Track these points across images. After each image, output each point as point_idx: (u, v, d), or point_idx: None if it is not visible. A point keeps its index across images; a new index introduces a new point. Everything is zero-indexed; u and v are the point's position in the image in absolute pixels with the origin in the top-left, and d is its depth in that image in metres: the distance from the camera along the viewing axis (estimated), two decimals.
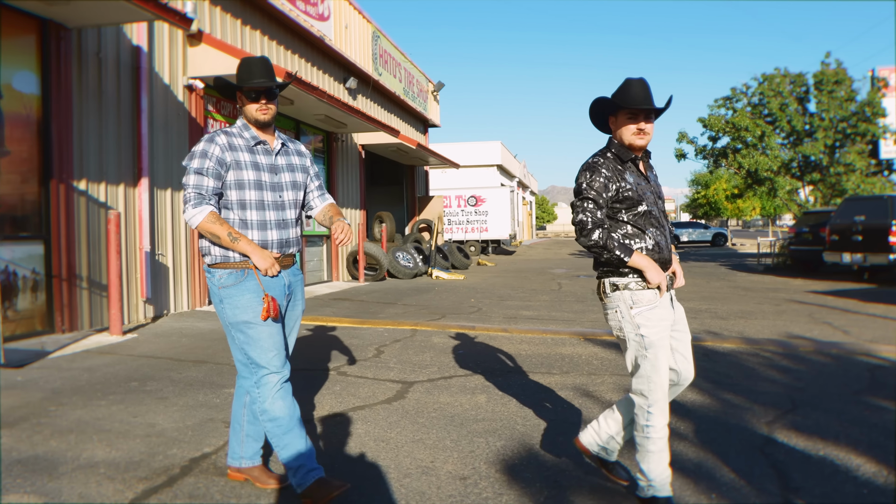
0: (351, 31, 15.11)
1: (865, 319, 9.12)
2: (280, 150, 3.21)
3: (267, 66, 3.10)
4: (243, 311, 2.96)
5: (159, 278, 8.74)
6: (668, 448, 2.98)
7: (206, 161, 2.98)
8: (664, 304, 2.94)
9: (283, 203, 3.15)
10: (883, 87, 20.70)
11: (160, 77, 8.82)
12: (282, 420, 2.98)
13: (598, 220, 2.92)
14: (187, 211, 2.95)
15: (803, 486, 3.34)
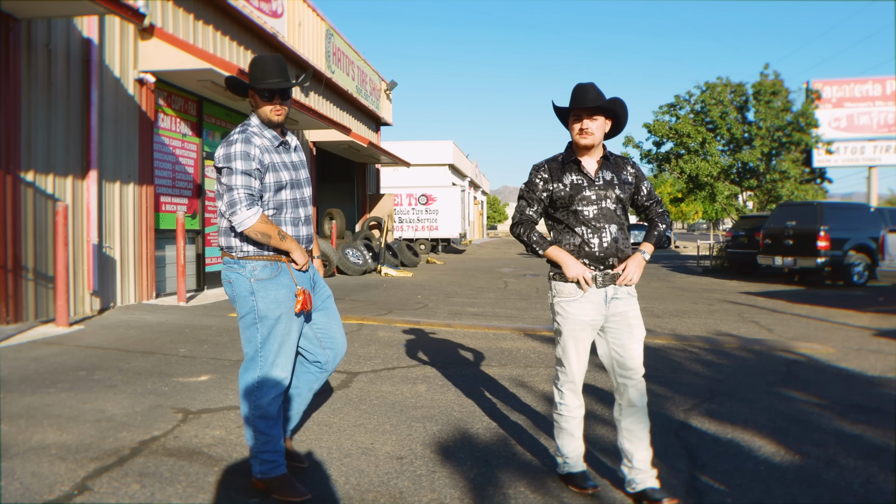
0: (304, 29, 15.19)
1: (790, 319, 9.67)
2: (292, 146, 3.26)
3: (281, 65, 3.09)
4: (278, 306, 3.00)
5: (106, 271, 8.76)
6: (583, 427, 3.28)
7: (251, 163, 2.96)
8: (588, 299, 3.14)
9: (305, 199, 3.23)
10: (816, 98, 21.69)
11: (111, 70, 8.83)
12: (274, 420, 3.08)
13: (526, 216, 3.26)
14: (240, 212, 2.90)
15: (709, 464, 3.69)
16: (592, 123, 3.11)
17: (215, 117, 11.85)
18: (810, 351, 7.16)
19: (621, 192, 3.17)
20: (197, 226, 11.23)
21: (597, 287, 3.15)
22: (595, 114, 3.12)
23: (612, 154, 3.29)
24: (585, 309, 3.15)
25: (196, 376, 5.33)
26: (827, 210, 15.51)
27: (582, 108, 3.10)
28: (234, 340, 6.87)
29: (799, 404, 4.98)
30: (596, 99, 3.08)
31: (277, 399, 3.09)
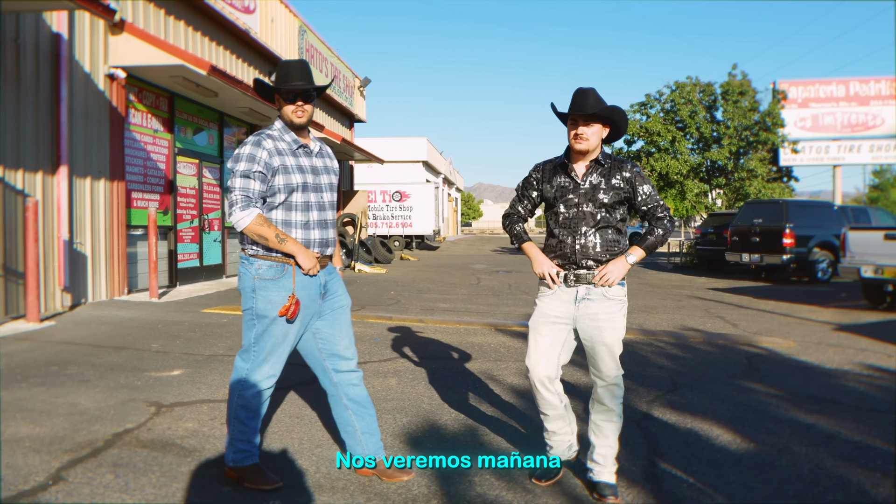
0: (277, 25, 15.17)
1: (755, 314, 9.92)
2: (318, 151, 3.27)
3: (306, 68, 3.14)
4: (274, 307, 3.04)
5: (77, 267, 8.72)
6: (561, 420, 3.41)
7: (253, 165, 3.01)
8: (558, 297, 3.25)
9: (323, 204, 3.22)
10: (782, 99, 22.17)
11: (80, 65, 8.78)
12: (255, 412, 3.15)
13: (515, 210, 3.48)
14: (234, 214, 3.00)
15: (667, 451, 3.84)
16: (588, 129, 3.16)
17: (187, 113, 11.82)
18: (772, 345, 7.38)
19: (605, 197, 3.19)
20: (169, 222, 11.19)
21: (566, 286, 3.23)
22: (591, 121, 3.16)
23: (609, 158, 3.29)
24: (553, 305, 3.25)
25: (169, 371, 5.38)
26: (792, 208, 15.88)
27: (578, 115, 3.16)
28: (207, 336, 6.91)
29: (757, 395, 5.17)
30: (594, 105, 3.12)
31: (262, 394, 3.14)
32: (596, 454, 3.24)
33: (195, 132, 12.21)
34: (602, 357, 3.20)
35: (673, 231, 3.27)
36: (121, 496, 3.01)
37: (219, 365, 5.62)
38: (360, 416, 3.29)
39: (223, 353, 6.05)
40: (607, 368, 3.21)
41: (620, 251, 3.23)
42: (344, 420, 3.31)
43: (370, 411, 3.33)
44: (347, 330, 3.34)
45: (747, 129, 20.82)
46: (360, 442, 3.29)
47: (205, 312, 8.55)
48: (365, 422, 3.30)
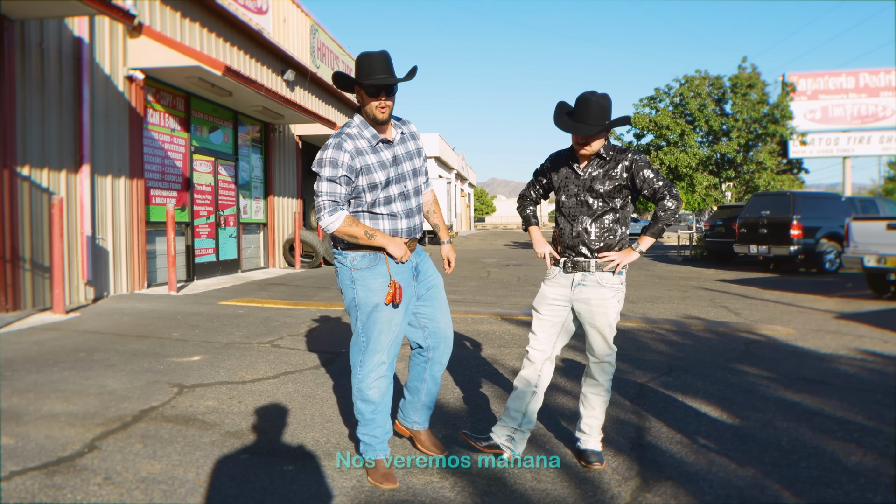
0: (289, 25, 15.49)
1: (759, 303, 10.10)
2: (398, 139, 3.27)
3: (388, 61, 3.11)
4: (375, 294, 3.11)
5: (100, 261, 9.08)
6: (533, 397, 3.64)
7: (337, 170, 3.05)
8: (557, 281, 3.49)
9: (407, 192, 3.26)
10: (791, 91, 22.20)
11: (101, 68, 9.13)
12: (377, 405, 3.19)
13: (528, 193, 3.77)
14: (323, 218, 3.06)
15: (655, 425, 4.09)
16: (591, 143, 3.30)
17: (203, 112, 12.16)
18: (771, 332, 7.58)
19: (601, 187, 3.34)
20: (186, 218, 11.55)
21: (564, 272, 3.47)
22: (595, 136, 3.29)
23: (611, 149, 3.40)
24: (553, 288, 3.50)
25: (189, 356, 5.69)
26: (800, 200, 15.98)
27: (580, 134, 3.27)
28: (224, 326, 7.23)
29: (749, 377, 5.40)
30: (596, 119, 3.21)
31: (377, 384, 3.17)
32: (583, 424, 3.50)
33: (210, 131, 12.55)
34: (593, 337, 3.44)
35: (679, 209, 3.34)
36: (149, 462, 3.32)
37: (236, 351, 5.93)
38: (429, 393, 3.48)
39: (240, 341, 6.36)
40: (598, 348, 3.45)
41: (618, 240, 3.41)
42: (415, 388, 3.48)
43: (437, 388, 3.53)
44: (446, 307, 3.44)
45: (756, 122, 20.89)
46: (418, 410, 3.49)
47: (221, 304, 8.87)
48: (430, 398, 3.50)
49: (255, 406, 4.30)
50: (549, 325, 3.50)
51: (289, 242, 15.28)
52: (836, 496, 3.12)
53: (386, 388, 3.23)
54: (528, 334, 3.57)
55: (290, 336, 6.71)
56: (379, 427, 3.24)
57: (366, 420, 3.22)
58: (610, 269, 3.39)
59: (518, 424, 3.49)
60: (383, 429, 3.25)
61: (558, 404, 4.48)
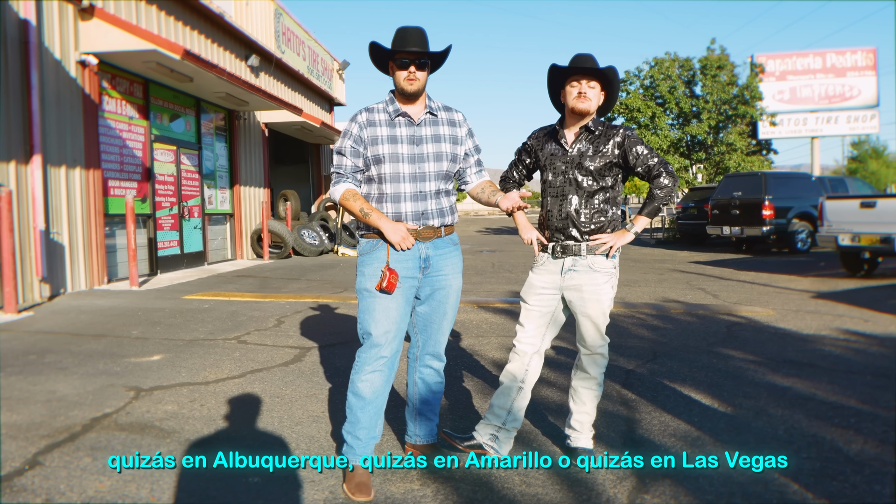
0: (252, 9, 14.99)
1: (735, 285, 10.01)
2: (426, 119, 3.11)
3: (423, 36, 3.04)
4: (368, 280, 2.98)
5: (55, 257, 8.64)
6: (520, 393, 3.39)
7: (345, 140, 3.04)
8: (546, 268, 3.23)
9: (423, 174, 3.05)
10: (760, 72, 22.24)
11: (51, 52, 8.64)
12: (366, 401, 2.97)
13: (510, 174, 3.52)
14: (331, 188, 3.07)
15: (645, 418, 3.89)
16: (591, 90, 3.11)
17: (163, 99, 11.68)
18: (751, 314, 7.46)
19: (591, 164, 3.13)
20: (148, 210, 11.10)
21: (553, 258, 3.21)
22: (594, 79, 3.12)
23: (600, 124, 3.22)
24: (541, 276, 3.24)
25: (149, 356, 5.35)
26: (771, 180, 15.98)
27: (581, 73, 3.10)
28: (188, 321, 6.88)
29: (735, 362, 5.23)
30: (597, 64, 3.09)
31: (370, 377, 2.97)
32: (573, 420, 3.27)
33: (172, 119, 12.07)
34: (585, 327, 3.20)
35: (675, 187, 3.15)
36: (98, 478, 3.00)
37: (199, 349, 5.60)
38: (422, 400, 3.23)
39: (204, 338, 6.03)
40: (591, 338, 3.21)
41: (609, 221, 3.18)
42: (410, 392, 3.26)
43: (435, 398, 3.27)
44: (447, 312, 3.16)
45: (726, 104, 20.89)
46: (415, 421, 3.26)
47: (186, 299, 8.50)
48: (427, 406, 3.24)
49: (218, 409, 4.00)
50: (537, 315, 3.24)
51: (256, 233, 14.87)
52: (842, 489, 2.93)
53: (380, 386, 2.99)
54: (516, 326, 3.32)
55: (257, 331, 6.39)
56: (364, 429, 2.98)
57: (352, 417, 3.00)
58: (603, 251, 3.14)
59: (502, 422, 3.24)
60: (369, 432, 3.00)
61: (546, 398, 4.25)
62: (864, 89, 27.86)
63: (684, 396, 4.29)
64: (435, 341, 3.19)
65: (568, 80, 3.15)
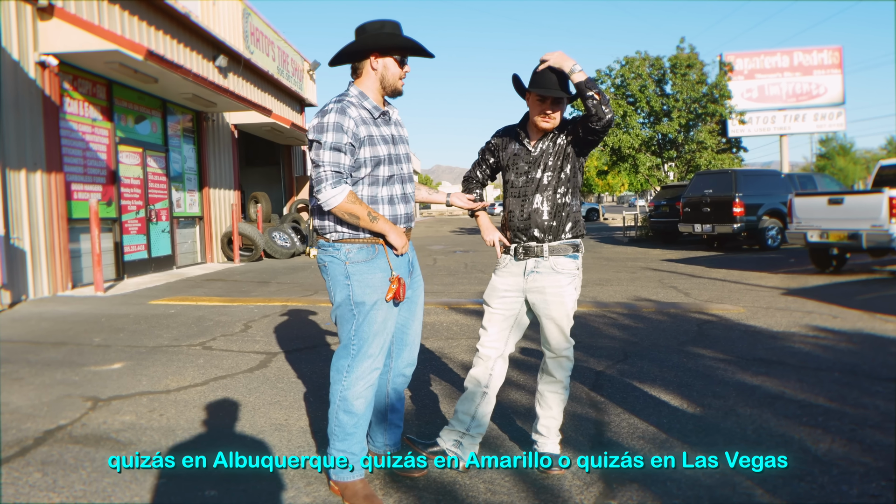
0: (219, 9, 14.78)
1: (707, 283, 10.06)
2: (396, 120, 3.02)
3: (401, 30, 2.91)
4: (374, 291, 2.79)
5: (16, 263, 8.41)
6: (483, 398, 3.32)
7: (342, 136, 2.73)
8: (508, 271, 3.17)
9: (405, 176, 2.97)
10: (729, 70, 22.42)
11: (8, 53, 8.41)
12: (360, 417, 2.84)
13: (473, 174, 3.42)
14: (325, 191, 2.71)
15: (614, 420, 3.84)
16: (556, 111, 3.04)
17: (127, 101, 11.45)
18: (722, 311, 7.48)
19: (553, 161, 3.09)
20: (113, 213, 10.87)
21: (515, 259, 3.15)
22: (561, 103, 3.04)
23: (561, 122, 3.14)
24: (504, 278, 3.18)
25: (109, 364, 5.21)
26: (741, 177, 16.12)
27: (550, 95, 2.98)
28: (152, 328, 6.73)
29: (706, 361, 5.22)
30: (563, 82, 2.99)
31: (366, 393, 2.83)
32: (540, 426, 3.21)
33: (137, 120, 11.85)
34: (549, 330, 3.14)
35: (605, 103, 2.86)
36: (47, 495, 2.88)
37: (162, 356, 5.46)
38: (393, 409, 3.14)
39: (168, 344, 5.89)
40: (555, 341, 3.15)
41: (572, 214, 3.12)
42: (379, 402, 3.10)
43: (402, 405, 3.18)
44: (420, 318, 3.12)
45: (696, 102, 21.04)
46: (386, 432, 3.15)
47: (151, 304, 8.33)
48: (397, 415, 3.15)
49: (177, 419, 3.88)
50: (500, 319, 3.18)
51: (227, 236, 14.66)
52: (810, 491, 2.91)
53: (371, 398, 2.89)
54: (479, 330, 3.25)
55: (223, 336, 6.27)
56: (358, 443, 2.86)
57: (346, 434, 2.82)
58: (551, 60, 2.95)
59: (466, 428, 3.16)
60: (361, 444, 2.88)
61: (513, 401, 4.20)
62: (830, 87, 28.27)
63: (653, 398, 4.26)
64: (412, 347, 3.11)
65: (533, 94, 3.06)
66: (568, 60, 2.93)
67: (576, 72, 2.89)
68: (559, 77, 2.99)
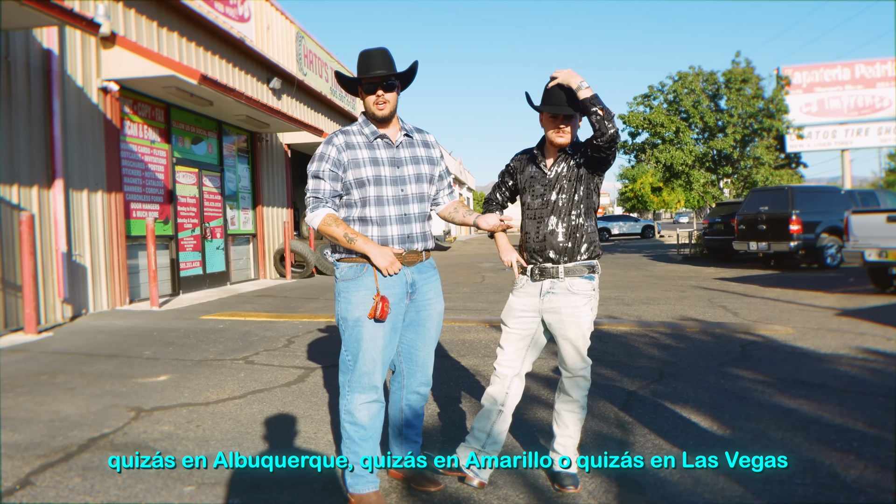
0: (273, 33, 15.26)
1: (758, 302, 9.83)
2: (403, 141, 3.10)
3: (387, 56, 3.00)
4: (356, 308, 2.90)
5: (77, 278, 8.83)
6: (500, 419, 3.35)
7: (322, 164, 2.95)
8: (525, 291, 3.22)
9: (406, 197, 3.02)
10: (786, 84, 21.92)
11: (73, 80, 8.89)
12: (367, 429, 2.94)
13: (493, 197, 3.49)
14: (307, 214, 2.96)
15: (639, 440, 3.82)
16: (569, 126, 3.09)
17: (184, 123, 11.92)
18: (769, 332, 7.31)
19: (568, 184, 3.14)
20: (170, 231, 11.30)
21: (532, 280, 3.20)
22: (572, 118, 3.09)
23: (573, 145, 3.19)
24: (521, 298, 3.24)
25: (155, 376, 5.43)
26: (798, 194, 15.71)
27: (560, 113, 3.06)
28: (200, 342, 6.97)
29: (743, 382, 5.13)
30: (573, 98, 3.02)
31: (368, 407, 2.93)
32: (556, 444, 3.23)
33: (194, 142, 12.31)
34: (565, 350, 3.17)
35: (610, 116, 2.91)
36: (84, 498, 3.05)
37: (206, 369, 5.66)
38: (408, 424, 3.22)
39: (213, 358, 6.10)
40: (572, 361, 3.18)
41: (587, 236, 3.15)
42: (394, 417, 3.23)
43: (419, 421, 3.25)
44: (431, 337, 3.16)
45: (752, 117, 20.62)
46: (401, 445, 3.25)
47: (202, 319, 8.62)
48: (413, 430, 3.23)
49: (212, 430, 4.03)
50: (517, 338, 3.23)
51: (279, 252, 15.04)
52: None
53: (377, 412, 2.97)
54: (497, 349, 3.30)
55: (266, 351, 6.45)
56: (372, 455, 2.96)
57: (356, 445, 2.94)
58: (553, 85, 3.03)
59: (482, 445, 3.21)
60: (374, 457, 2.97)
61: (532, 418, 4.22)
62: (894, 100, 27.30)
63: (683, 419, 4.21)
64: (424, 368, 3.17)
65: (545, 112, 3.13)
66: (575, 78, 2.98)
67: (582, 88, 2.94)
68: (567, 94, 3.04)
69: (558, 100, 3.06)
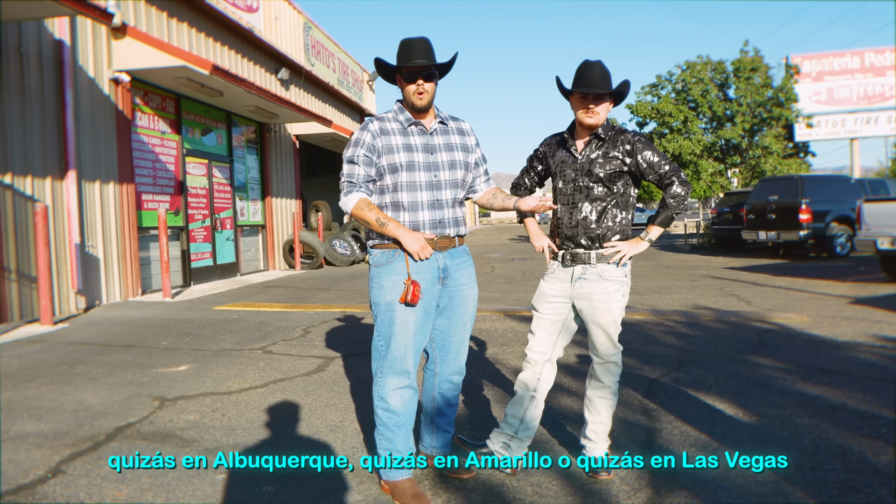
0: (281, 23, 15.21)
1: (770, 291, 9.81)
2: (437, 129, 3.11)
3: (428, 46, 2.99)
4: (388, 292, 2.92)
5: (90, 269, 8.84)
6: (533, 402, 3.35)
7: (357, 149, 2.97)
8: (556, 277, 3.21)
9: (438, 183, 3.03)
10: (795, 73, 21.83)
11: (85, 71, 8.88)
12: (400, 415, 2.95)
13: (521, 181, 3.52)
14: (342, 199, 3.00)
15: (666, 428, 3.81)
16: (598, 105, 3.06)
17: (194, 114, 11.90)
18: (784, 320, 7.30)
19: (601, 171, 3.09)
20: (181, 222, 11.30)
21: (563, 266, 3.18)
22: (603, 99, 3.07)
23: (611, 129, 3.18)
24: (552, 284, 3.22)
25: (176, 366, 5.44)
26: (808, 183, 15.65)
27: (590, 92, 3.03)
28: (216, 332, 6.98)
29: (764, 370, 5.12)
30: (604, 80, 3.02)
31: (400, 392, 2.95)
32: (588, 430, 3.22)
33: (203, 132, 12.29)
34: (597, 336, 3.15)
35: (688, 195, 3.08)
36: (117, 486, 3.05)
37: (225, 359, 5.67)
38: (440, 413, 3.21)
39: (231, 348, 6.11)
40: (603, 347, 3.17)
41: (620, 227, 3.13)
42: (427, 404, 3.22)
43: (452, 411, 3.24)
44: (465, 323, 3.14)
45: (760, 106, 20.54)
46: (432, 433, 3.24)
47: (216, 310, 8.63)
48: (444, 419, 3.22)
49: (238, 419, 4.04)
50: (548, 324, 3.21)
51: (288, 244, 15.04)
52: (867, 503, 2.84)
53: (409, 399, 2.97)
54: (528, 335, 3.29)
55: (283, 341, 6.45)
56: (403, 441, 2.97)
57: (390, 432, 2.96)
58: (615, 260, 3.09)
59: (514, 431, 3.21)
60: (407, 444, 2.98)
61: (563, 406, 4.21)
62: None
63: (708, 406, 4.21)
64: (456, 355, 3.16)
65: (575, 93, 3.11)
66: (640, 244, 3.16)
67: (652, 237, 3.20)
68: (602, 74, 3.03)
69: (590, 79, 3.04)
